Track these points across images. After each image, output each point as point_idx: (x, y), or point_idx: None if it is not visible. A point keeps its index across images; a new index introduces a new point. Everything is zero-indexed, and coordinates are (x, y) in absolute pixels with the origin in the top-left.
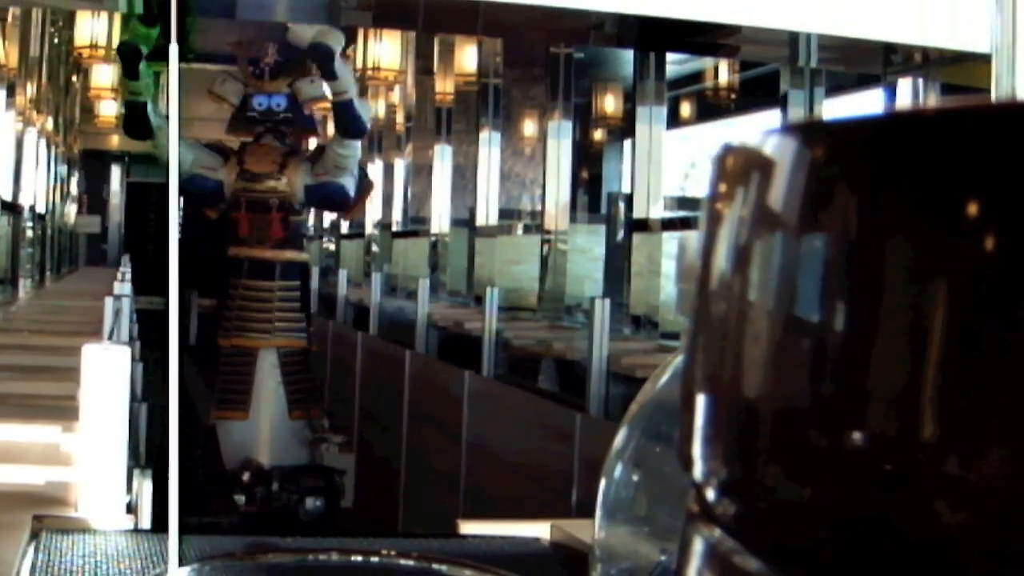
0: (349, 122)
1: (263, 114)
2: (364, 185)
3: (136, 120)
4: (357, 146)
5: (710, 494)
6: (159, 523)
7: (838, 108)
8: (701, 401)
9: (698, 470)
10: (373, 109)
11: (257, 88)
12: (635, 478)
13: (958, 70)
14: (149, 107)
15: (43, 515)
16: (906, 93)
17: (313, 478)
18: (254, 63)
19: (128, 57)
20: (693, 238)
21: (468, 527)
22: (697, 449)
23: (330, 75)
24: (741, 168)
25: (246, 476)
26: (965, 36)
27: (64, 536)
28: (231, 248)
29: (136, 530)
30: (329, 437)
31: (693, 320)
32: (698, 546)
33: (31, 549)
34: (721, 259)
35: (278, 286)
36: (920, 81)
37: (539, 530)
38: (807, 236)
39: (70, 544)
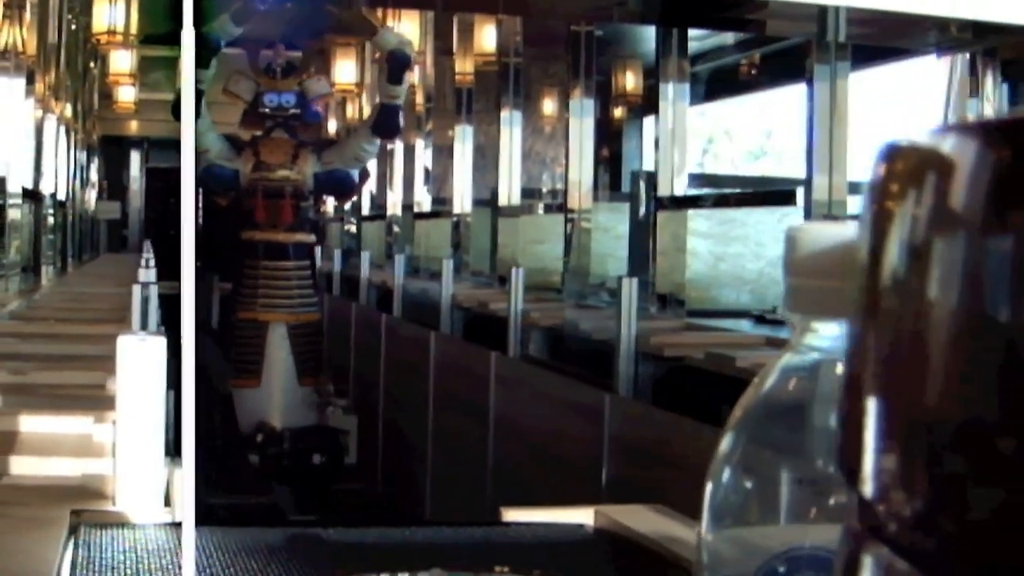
0: (390, 124)
1: (274, 110)
2: (363, 174)
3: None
4: (379, 143)
5: (883, 512)
6: (197, 515)
7: (864, 82)
8: (872, 410)
9: (868, 487)
10: None
11: (269, 86)
12: (747, 484)
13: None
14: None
15: (81, 509)
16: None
17: (319, 437)
18: (267, 65)
19: (209, 47)
20: (805, 228)
21: (511, 515)
22: (868, 464)
23: (396, 80)
24: (913, 168)
25: (259, 438)
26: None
27: (103, 531)
28: (245, 232)
29: (175, 524)
30: (334, 401)
31: (859, 322)
32: (868, 568)
33: (71, 544)
34: (895, 259)
35: (293, 265)
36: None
37: (583, 516)
38: (995, 236)
39: (110, 539)
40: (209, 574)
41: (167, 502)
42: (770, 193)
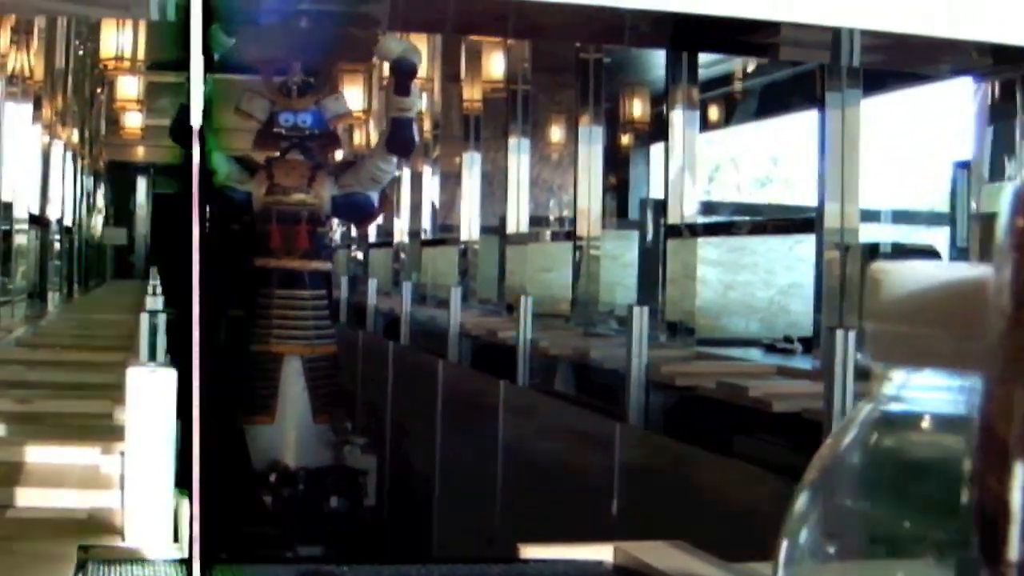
0: (404, 139)
1: (289, 130)
2: (385, 197)
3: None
4: (396, 162)
5: None
6: (208, 552)
7: (877, 108)
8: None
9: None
10: None
11: (285, 105)
12: (828, 548)
13: None
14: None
15: (88, 545)
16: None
17: (336, 478)
18: (282, 83)
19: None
20: (891, 268)
21: (528, 551)
22: (1015, 537)
23: (404, 91)
24: None
25: (273, 477)
26: None
27: (111, 568)
28: (258, 259)
29: (185, 560)
30: (352, 439)
31: (1002, 377)
32: None
33: None
34: None
35: (309, 295)
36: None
37: (601, 553)
38: None
39: (118, 575)
40: None
41: (176, 537)
42: (785, 221)
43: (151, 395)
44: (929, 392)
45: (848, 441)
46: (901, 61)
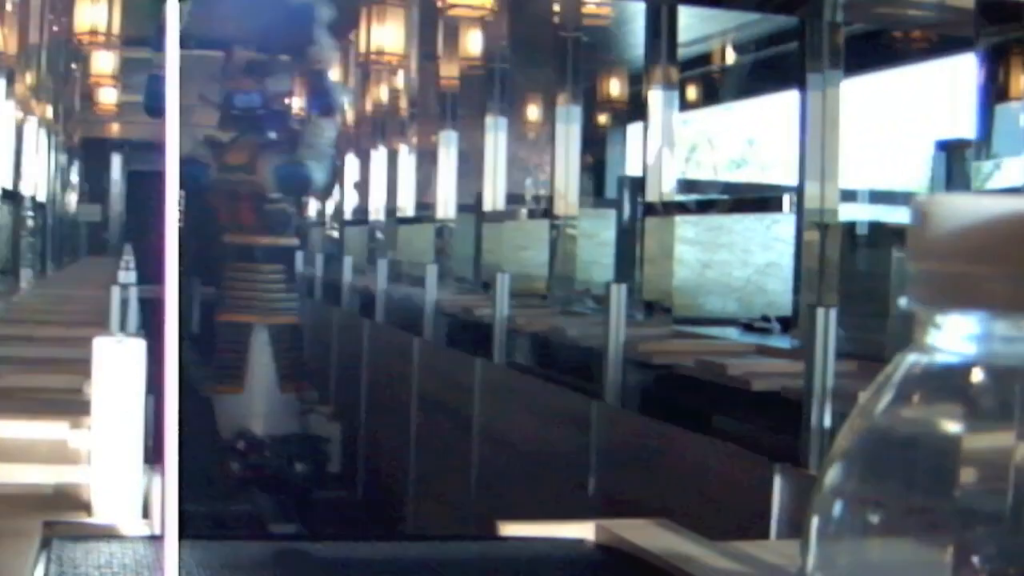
0: (320, 95)
1: (244, 111)
2: (334, 168)
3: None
4: (330, 125)
5: None
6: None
7: (857, 88)
8: None
9: None
10: (376, 94)
11: (235, 86)
12: (870, 519)
13: None
14: None
15: (54, 521)
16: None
17: (302, 445)
18: (232, 64)
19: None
20: (939, 200)
21: (508, 529)
22: None
23: (309, 40)
24: None
25: (241, 445)
26: None
27: (77, 544)
28: (225, 235)
29: (154, 536)
30: (317, 408)
31: None
32: None
33: (42, 559)
34: None
35: (261, 268)
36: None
37: (583, 531)
38: None
39: (84, 553)
40: None
41: (145, 512)
42: (762, 199)
43: (118, 366)
44: (982, 340)
45: (888, 400)
46: (880, 20)
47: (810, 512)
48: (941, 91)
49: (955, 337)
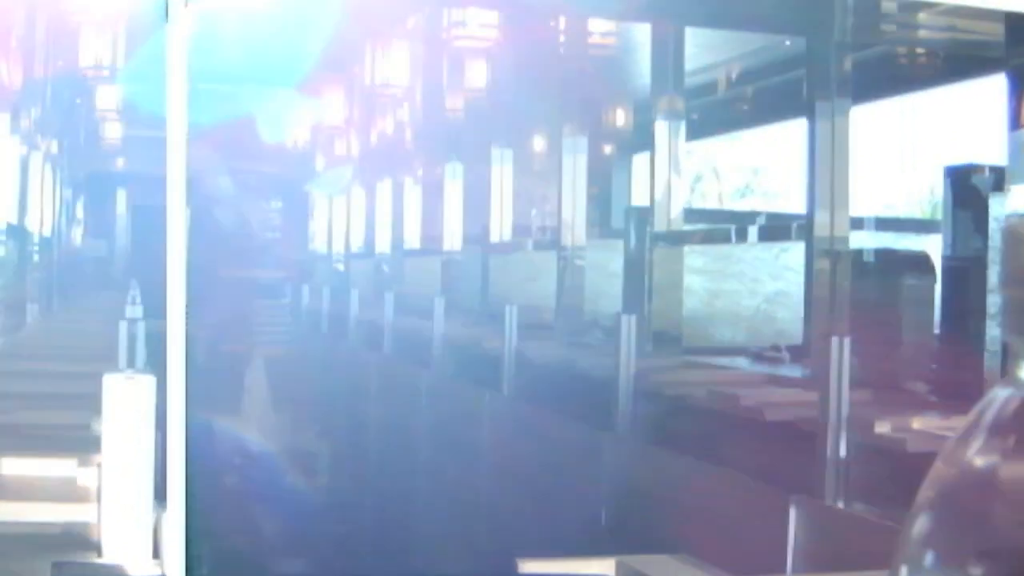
0: None
1: None
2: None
3: None
4: None
5: None
6: (187, 567)
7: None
8: None
9: None
10: (382, 126)
11: None
12: (970, 570)
13: None
14: None
15: (63, 562)
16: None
17: (295, 467)
18: None
19: None
20: None
21: (528, 567)
22: None
23: None
24: None
25: (237, 462)
26: None
27: None
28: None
29: None
30: (313, 430)
31: None
32: None
33: None
34: None
35: (257, 301)
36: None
37: (603, 567)
38: None
39: None
40: None
41: (156, 552)
42: (773, 227)
43: (128, 403)
44: None
45: (982, 441)
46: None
47: (897, 565)
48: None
49: None
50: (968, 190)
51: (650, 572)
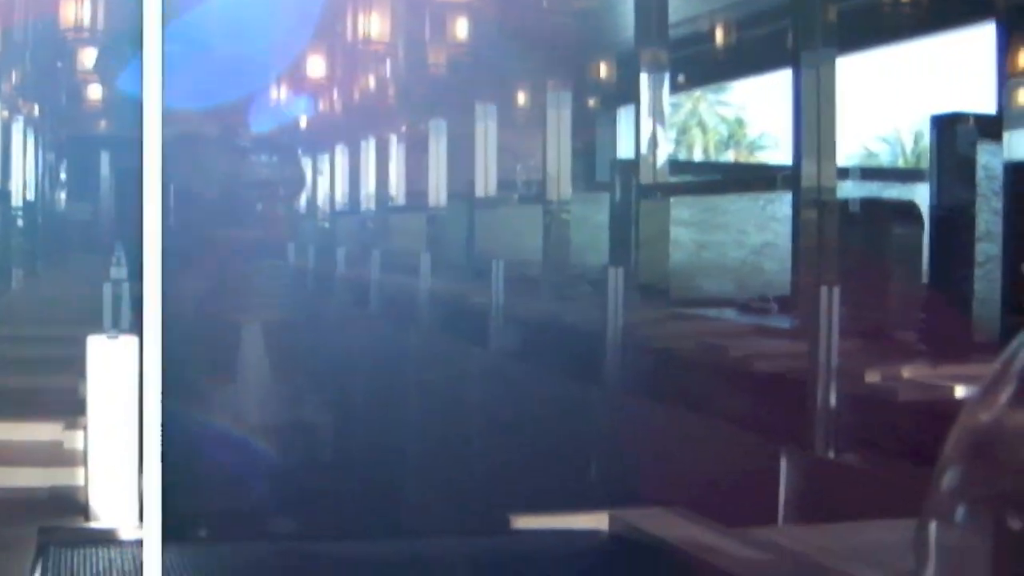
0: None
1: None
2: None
3: None
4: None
5: None
6: (174, 531)
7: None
8: None
9: None
10: (365, 83)
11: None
12: (1002, 520)
13: None
14: None
15: (49, 527)
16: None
17: (295, 435)
18: None
19: None
20: None
21: (520, 522)
22: None
23: None
24: None
25: (236, 435)
26: None
27: (74, 551)
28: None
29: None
30: (311, 397)
31: None
32: None
33: (38, 569)
34: None
35: (251, 262)
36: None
37: (596, 521)
38: None
39: (81, 560)
40: None
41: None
42: (758, 178)
43: (112, 363)
44: None
45: (995, 414)
46: None
47: (926, 518)
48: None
49: None
50: (955, 139)
51: (644, 525)
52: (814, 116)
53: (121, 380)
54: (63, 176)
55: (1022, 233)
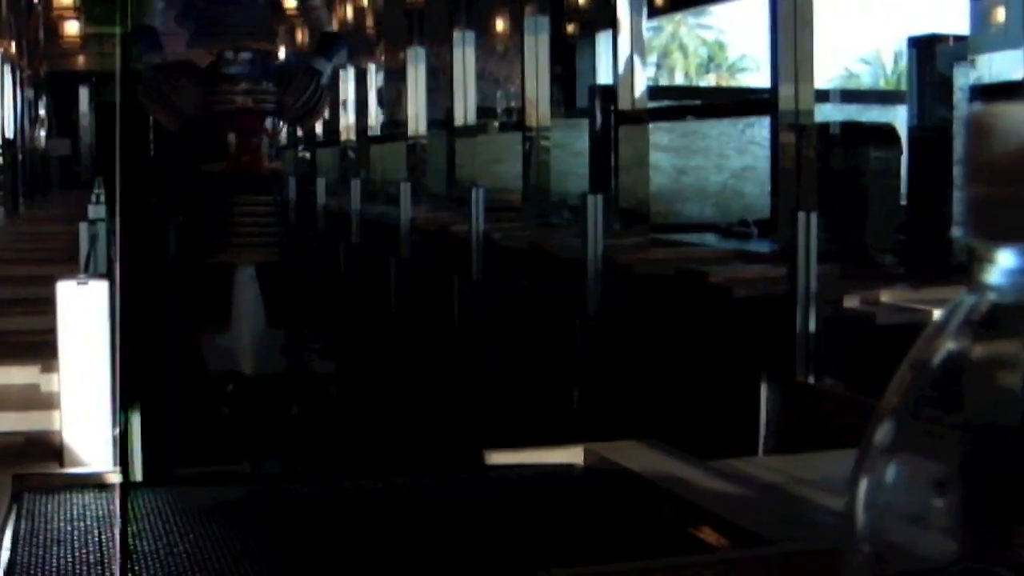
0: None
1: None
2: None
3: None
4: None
5: None
6: (153, 472)
7: None
8: None
9: None
10: (342, 13)
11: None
12: (926, 490)
13: None
14: None
15: (24, 473)
16: None
17: (296, 385)
18: None
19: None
20: (1001, 111)
21: (495, 457)
22: None
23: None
24: None
25: (230, 388)
26: None
27: (49, 497)
28: (203, 164)
29: (128, 483)
30: (311, 344)
31: None
32: None
33: (12, 514)
34: None
35: (244, 199)
36: None
37: (571, 455)
38: None
39: (56, 506)
40: (166, 541)
41: (121, 459)
42: (737, 103)
43: (82, 310)
44: None
45: (945, 350)
46: None
47: (857, 474)
48: None
49: (1013, 274)
50: (932, 60)
51: (617, 458)
52: (791, 40)
53: (91, 325)
54: None
55: None
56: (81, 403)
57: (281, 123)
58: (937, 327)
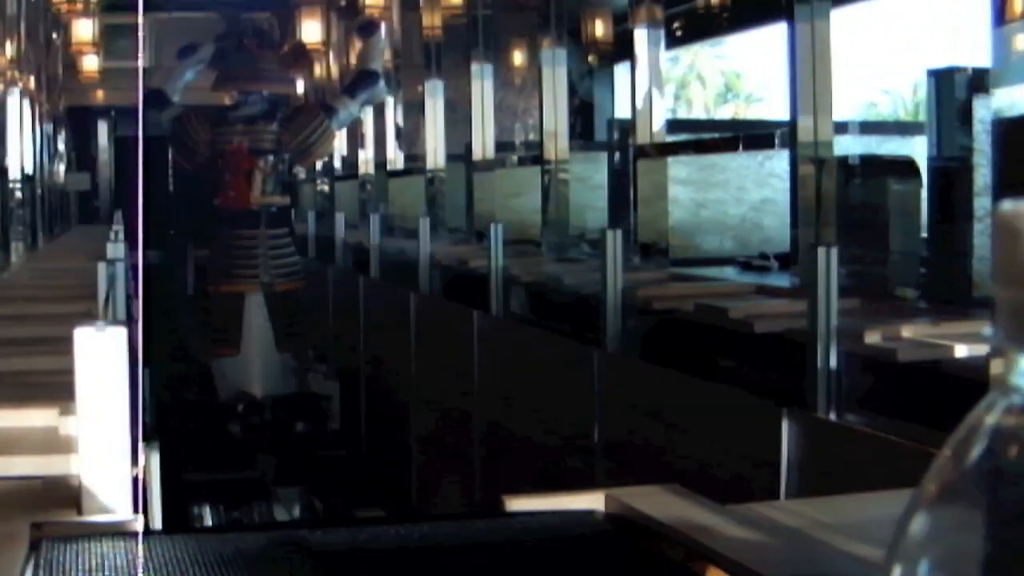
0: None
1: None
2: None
3: None
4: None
5: None
6: (172, 520)
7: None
8: None
9: None
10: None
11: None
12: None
13: None
14: None
15: (42, 521)
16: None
17: (301, 404)
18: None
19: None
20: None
21: (514, 503)
22: None
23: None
24: None
25: (240, 408)
26: None
27: (67, 545)
28: (215, 198)
29: (148, 532)
30: (315, 367)
31: None
32: None
33: (31, 564)
34: None
35: (256, 233)
36: None
37: (592, 501)
38: None
39: (74, 555)
40: None
41: (140, 506)
42: (756, 136)
43: (100, 356)
44: None
45: (978, 449)
46: None
47: (891, 560)
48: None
49: None
50: (951, 92)
51: (639, 505)
52: (809, 69)
53: (109, 371)
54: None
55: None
56: (100, 449)
57: (283, 160)
58: (969, 428)
